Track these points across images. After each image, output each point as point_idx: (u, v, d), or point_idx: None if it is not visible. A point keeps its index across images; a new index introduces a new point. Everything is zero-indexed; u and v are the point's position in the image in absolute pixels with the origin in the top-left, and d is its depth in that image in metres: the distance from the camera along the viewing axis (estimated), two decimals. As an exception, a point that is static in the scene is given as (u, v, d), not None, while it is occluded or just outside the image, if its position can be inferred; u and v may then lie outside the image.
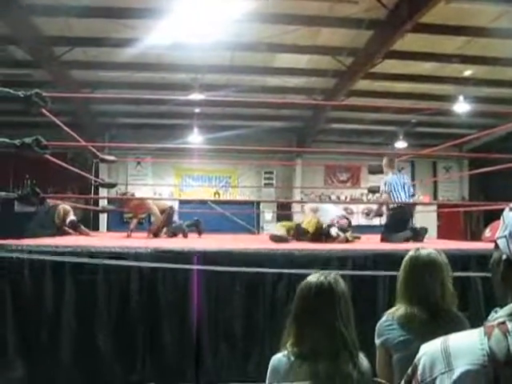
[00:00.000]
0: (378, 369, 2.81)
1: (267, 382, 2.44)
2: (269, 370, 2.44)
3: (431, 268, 2.82)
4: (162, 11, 8.70)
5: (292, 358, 2.34)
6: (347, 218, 7.55)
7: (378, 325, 2.85)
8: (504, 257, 1.26)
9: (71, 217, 8.97)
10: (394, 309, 2.85)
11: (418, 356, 1.25)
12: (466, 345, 1.18)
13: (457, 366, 1.14)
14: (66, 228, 8.77)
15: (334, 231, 6.93)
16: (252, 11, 8.64)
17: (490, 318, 1.24)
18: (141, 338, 4.10)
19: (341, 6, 8.83)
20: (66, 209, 9.00)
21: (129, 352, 4.08)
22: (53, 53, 10.62)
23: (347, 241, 6.92)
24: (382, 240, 7.30)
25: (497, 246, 1.31)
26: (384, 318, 2.85)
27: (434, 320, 2.69)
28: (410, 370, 1.26)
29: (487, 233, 5.80)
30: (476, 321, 1.37)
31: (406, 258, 2.94)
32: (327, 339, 2.32)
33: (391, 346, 2.73)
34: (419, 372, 1.21)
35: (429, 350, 1.23)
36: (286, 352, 2.39)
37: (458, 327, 1.76)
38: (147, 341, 4.11)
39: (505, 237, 1.26)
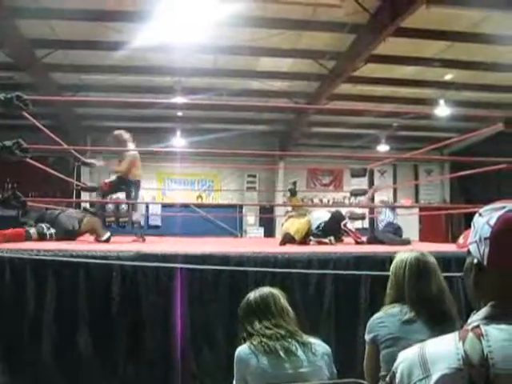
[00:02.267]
0: (366, 363, 2.86)
1: None
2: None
3: (428, 269, 2.86)
4: (145, 14, 8.68)
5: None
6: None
7: (371, 321, 2.88)
8: (475, 261, 1.29)
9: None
10: (388, 307, 2.89)
11: (395, 364, 1.26)
12: (442, 350, 1.19)
13: (434, 371, 1.15)
14: None
15: (311, 243, 7.06)
16: (235, 15, 8.65)
17: (470, 318, 1.26)
18: (123, 342, 4.08)
19: (323, 10, 8.88)
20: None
21: (110, 356, 4.05)
22: (35, 55, 10.55)
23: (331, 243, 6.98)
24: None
25: (469, 252, 1.34)
26: (377, 315, 2.88)
27: (430, 321, 2.72)
28: (388, 378, 1.28)
29: (460, 239, 5.87)
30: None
31: (401, 258, 2.96)
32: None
33: (380, 342, 2.77)
34: (397, 380, 1.23)
35: (406, 357, 1.24)
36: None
37: (451, 329, 1.80)
38: (129, 345, 4.09)
39: (475, 242, 1.29)
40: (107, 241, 6.80)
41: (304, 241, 7.14)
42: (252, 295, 2.86)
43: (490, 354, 1.13)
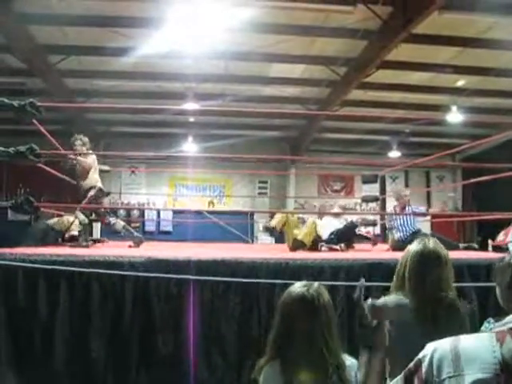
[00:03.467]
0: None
1: None
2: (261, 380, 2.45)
3: (436, 261, 2.82)
4: (157, 20, 8.72)
5: (275, 369, 2.36)
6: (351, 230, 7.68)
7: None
8: None
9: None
10: (392, 296, 2.90)
11: (423, 352, 1.22)
12: (477, 350, 1.14)
13: (467, 371, 1.11)
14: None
15: (323, 248, 7.05)
16: (247, 21, 8.66)
17: (484, 326, 1.24)
18: (135, 349, 4.08)
19: (335, 16, 8.88)
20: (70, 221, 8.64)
21: (122, 363, 4.05)
22: (47, 61, 10.62)
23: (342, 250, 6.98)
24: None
25: (506, 249, 1.31)
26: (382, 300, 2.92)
27: (429, 310, 2.71)
28: (412, 365, 1.24)
29: (500, 236, 5.87)
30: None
31: (413, 248, 2.93)
32: (309, 351, 2.35)
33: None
34: (424, 370, 1.19)
35: (436, 348, 1.20)
36: (270, 363, 2.41)
37: (454, 323, 1.73)
38: (141, 351, 4.09)
39: None
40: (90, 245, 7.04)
41: (314, 245, 7.15)
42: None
43: None
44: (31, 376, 3.95)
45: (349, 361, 2.43)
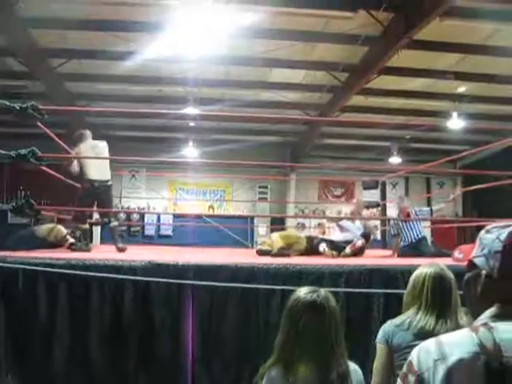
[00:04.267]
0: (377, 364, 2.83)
1: None
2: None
3: (446, 285, 2.85)
4: (158, 25, 8.74)
5: (279, 372, 2.36)
6: (367, 236, 7.61)
7: (386, 325, 2.87)
8: (484, 272, 1.42)
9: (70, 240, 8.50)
10: (405, 315, 2.86)
11: (411, 355, 1.38)
12: (458, 338, 1.33)
13: (450, 354, 1.28)
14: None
15: (321, 247, 7.00)
16: (248, 26, 8.69)
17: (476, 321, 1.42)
18: (134, 352, 4.07)
19: (336, 21, 8.89)
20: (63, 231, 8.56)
21: (122, 366, 4.05)
22: (49, 65, 10.64)
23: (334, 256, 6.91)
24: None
25: (472, 265, 1.47)
26: (394, 321, 2.86)
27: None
28: (405, 368, 1.38)
29: (458, 254, 5.90)
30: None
31: (420, 271, 2.94)
32: (316, 355, 2.35)
33: (395, 349, 2.76)
34: (415, 364, 1.34)
35: (422, 346, 1.37)
36: (274, 366, 2.40)
37: None
38: (140, 355, 4.08)
39: (483, 255, 1.43)
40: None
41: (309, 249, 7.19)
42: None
43: (501, 342, 1.27)
44: (30, 378, 3.94)
45: (352, 366, 2.45)
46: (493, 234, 1.45)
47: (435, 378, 1.27)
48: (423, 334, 2.66)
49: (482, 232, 1.50)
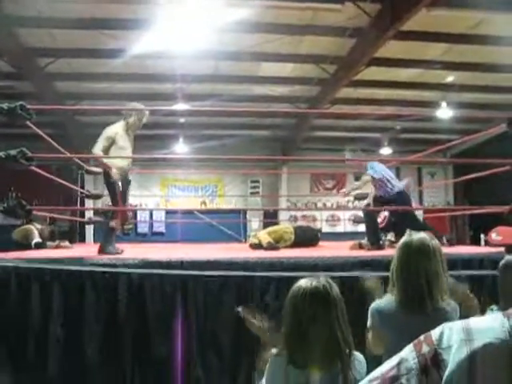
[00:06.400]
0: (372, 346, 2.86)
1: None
2: (266, 371, 2.45)
3: (420, 255, 2.73)
4: (145, 21, 8.72)
5: (287, 365, 2.34)
6: None
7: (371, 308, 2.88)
8: None
9: (36, 239, 8.41)
10: (385, 298, 2.87)
11: (434, 330, 1.28)
12: (488, 322, 1.23)
13: (477, 338, 1.18)
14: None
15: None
16: (236, 20, 8.67)
17: (488, 313, 1.29)
18: (129, 352, 4.07)
19: (324, 14, 8.90)
20: (30, 229, 8.53)
21: (116, 366, 4.05)
22: (36, 64, 10.58)
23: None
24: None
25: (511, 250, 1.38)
26: (375, 304, 2.88)
27: (415, 310, 2.66)
28: (422, 337, 1.28)
29: (495, 236, 5.88)
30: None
31: (400, 243, 2.89)
32: (324, 345, 2.32)
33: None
34: (434, 337, 1.24)
35: (447, 324, 1.27)
36: (282, 358, 2.38)
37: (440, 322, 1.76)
38: (135, 354, 4.08)
39: None
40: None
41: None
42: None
43: None
44: (24, 380, 3.94)
45: (356, 356, 2.43)
46: None
47: (455, 357, 1.18)
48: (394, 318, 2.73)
49: None
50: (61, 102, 12.23)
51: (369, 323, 2.88)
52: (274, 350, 2.48)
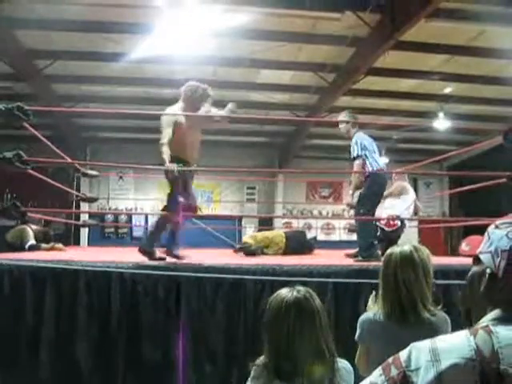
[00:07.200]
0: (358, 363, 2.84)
1: None
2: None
3: (400, 266, 2.75)
4: (144, 26, 8.71)
5: (274, 378, 2.30)
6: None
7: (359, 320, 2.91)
8: (488, 270, 1.33)
9: (31, 241, 8.43)
10: (373, 309, 2.89)
11: (402, 351, 1.28)
12: (454, 342, 1.23)
13: (444, 358, 1.18)
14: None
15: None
16: (235, 27, 8.68)
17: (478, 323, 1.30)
18: (122, 354, 4.06)
19: (323, 23, 8.92)
20: (25, 230, 8.54)
21: (109, 369, 4.03)
22: (34, 66, 10.57)
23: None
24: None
25: (478, 261, 1.38)
26: (364, 315, 2.90)
27: (399, 322, 2.68)
28: (390, 359, 1.28)
29: (464, 246, 5.85)
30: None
31: (384, 255, 2.93)
32: (311, 356, 2.30)
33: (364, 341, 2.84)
34: (402, 359, 1.24)
35: (415, 345, 1.27)
36: (266, 370, 2.35)
37: (425, 332, 1.73)
38: (128, 357, 4.07)
39: (490, 252, 1.34)
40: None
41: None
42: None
43: (500, 349, 1.18)
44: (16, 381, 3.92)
45: (342, 364, 2.41)
46: (502, 230, 1.35)
47: (424, 379, 1.17)
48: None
49: (492, 226, 1.41)
50: (58, 104, 12.20)
51: (357, 335, 2.89)
52: (257, 361, 2.44)
